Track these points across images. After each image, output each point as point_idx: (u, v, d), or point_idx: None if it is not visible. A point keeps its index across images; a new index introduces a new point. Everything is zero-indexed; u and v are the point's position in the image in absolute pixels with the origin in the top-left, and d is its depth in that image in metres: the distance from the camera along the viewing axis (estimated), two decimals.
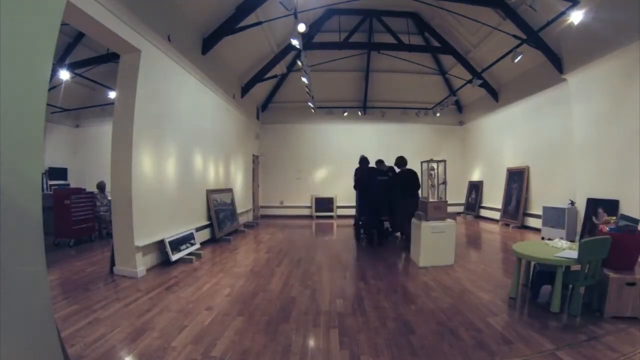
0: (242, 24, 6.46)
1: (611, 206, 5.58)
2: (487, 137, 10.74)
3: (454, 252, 4.98)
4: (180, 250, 5.25)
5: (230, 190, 8.21)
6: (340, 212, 11.55)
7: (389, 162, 7.22)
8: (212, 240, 6.74)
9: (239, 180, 9.36)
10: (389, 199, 6.61)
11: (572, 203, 6.72)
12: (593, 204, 6.06)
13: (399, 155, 6.61)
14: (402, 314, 3.18)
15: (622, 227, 3.10)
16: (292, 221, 10.45)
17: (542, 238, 6.87)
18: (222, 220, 7.20)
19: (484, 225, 9.34)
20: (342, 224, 9.94)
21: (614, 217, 3.38)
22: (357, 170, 7.41)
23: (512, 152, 9.30)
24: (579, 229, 6.50)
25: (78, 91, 9.58)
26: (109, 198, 6.51)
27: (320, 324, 2.97)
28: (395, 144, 11.93)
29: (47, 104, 1.97)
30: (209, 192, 6.94)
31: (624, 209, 5.27)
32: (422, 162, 5.52)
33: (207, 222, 6.77)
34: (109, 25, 3.86)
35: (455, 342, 2.60)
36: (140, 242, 4.45)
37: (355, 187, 7.16)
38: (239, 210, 8.61)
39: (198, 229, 6.18)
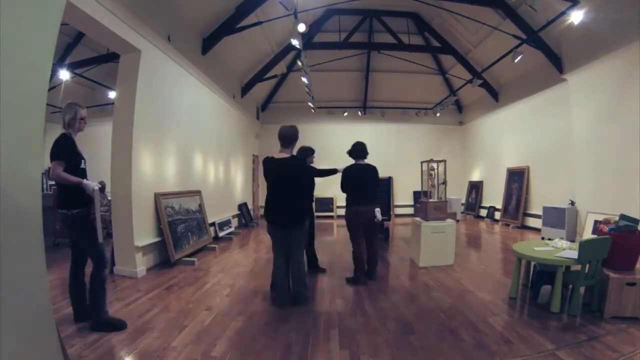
0: (242, 24, 6.46)
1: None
2: (487, 137, 10.74)
3: (454, 252, 4.98)
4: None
5: (197, 193, 7.63)
6: (340, 212, 11.53)
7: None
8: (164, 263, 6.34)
9: (238, 180, 9.36)
10: None
11: (572, 203, 6.72)
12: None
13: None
14: (402, 314, 3.18)
15: (622, 227, 3.10)
16: None
17: (542, 238, 6.87)
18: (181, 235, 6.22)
19: (483, 225, 9.34)
20: (342, 224, 9.92)
21: (614, 217, 3.38)
22: None
23: (512, 152, 9.30)
24: (579, 229, 6.50)
25: (78, 91, 9.56)
26: (109, 198, 6.49)
27: (320, 324, 2.97)
28: (395, 144, 11.95)
29: (47, 104, 1.97)
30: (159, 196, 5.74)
31: (624, 209, 5.27)
32: (422, 162, 5.52)
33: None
34: (109, 25, 3.86)
35: (455, 342, 2.60)
36: (140, 242, 4.45)
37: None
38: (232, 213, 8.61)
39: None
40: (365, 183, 4.24)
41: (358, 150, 4.37)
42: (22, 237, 1.43)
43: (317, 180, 4.52)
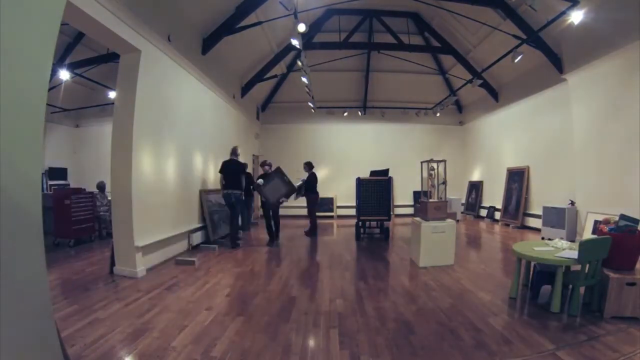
0: (242, 24, 6.46)
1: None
2: (487, 137, 10.75)
3: (454, 252, 4.98)
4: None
5: None
6: (340, 212, 11.55)
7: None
8: (206, 243, 6.40)
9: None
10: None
11: (572, 203, 6.72)
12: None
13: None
14: (402, 314, 3.18)
15: (622, 227, 3.10)
16: (292, 221, 10.44)
17: (542, 238, 6.87)
18: (217, 222, 6.94)
19: (483, 225, 9.34)
20: (342, 224, 9.93)
21: (614, 217, 3.38)
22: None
23: (512, 152, 9.31)
24: (579, 229, 6.50)
25: (78, 91, 9.57)
26: (109, 198, 6.50)
27: (320, 324, 2.97)
28: (395, 144, 11.96)
29: (47, 104, 1.96)
30: (203, 193, 6.66)
31: (624, 209, 5.27)
32: (422, 162, 5.52)
33: (201, 224, 6.48)
34: (109, 25, 3.86)
35: (455, 342, 2.60)
36: (140, 242, 4.46)
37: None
38: None
39: (192, 231, 6.04)
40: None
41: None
42: (22, 237, 1.43)
43: (318, 180, 6.01)
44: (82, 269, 4.72)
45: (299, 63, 6.97)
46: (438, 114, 10.80)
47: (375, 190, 6.90)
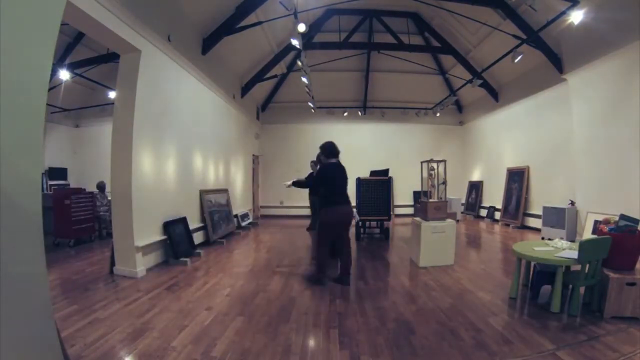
0: (242, 24, 6.47)
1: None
2: (487, 137, 10.75)
3: (454, 252, 4.98)
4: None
5: (225, 191, 8.01)
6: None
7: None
8: (206, 243, 6.40)
9: (238, 181, 9.35)
10: None
11: (572, 203, 6.72)
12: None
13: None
14: (402, 314, 3.18)
15: (622, 227, 3.10)
16: (292, 221, 10.45)
17: (542, 238, 6.87)
18: (217, 222, 6.95)
19: (483, 225, 9.34)
20: None
21: (614, 217, 3.38)
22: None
23: (512, 152, 9.31)
24: (579, 229, 6.50)
25: (78, 91, 9.58)
26: (109, 198, 6.51)
27: (320, 324, 2.97)
28: (395, 144, 11.97)
29: (47, 104, 1.96)
30: (203, 193, 6.65)
31: (624, 209, 5.27)
32: (422, 162, 5.52)
33: (201, 224, 6.47)
34: (109, 25, 3.86)
35: (455, 342, 2.60)
36: (140, 242, 4.45)
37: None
38: (238, 212, 8.59)
39: (193, 231, 5.96)
40: (343, 182, 4.24)
41: (332, 148, 4.19)
42: (22, 237, 1.43)
43: None
44: (82, 269, 4.72)
45: (299, 63, 6.97)
46: (438, 114, 10.80)
47: (375, 190, 6.90)
